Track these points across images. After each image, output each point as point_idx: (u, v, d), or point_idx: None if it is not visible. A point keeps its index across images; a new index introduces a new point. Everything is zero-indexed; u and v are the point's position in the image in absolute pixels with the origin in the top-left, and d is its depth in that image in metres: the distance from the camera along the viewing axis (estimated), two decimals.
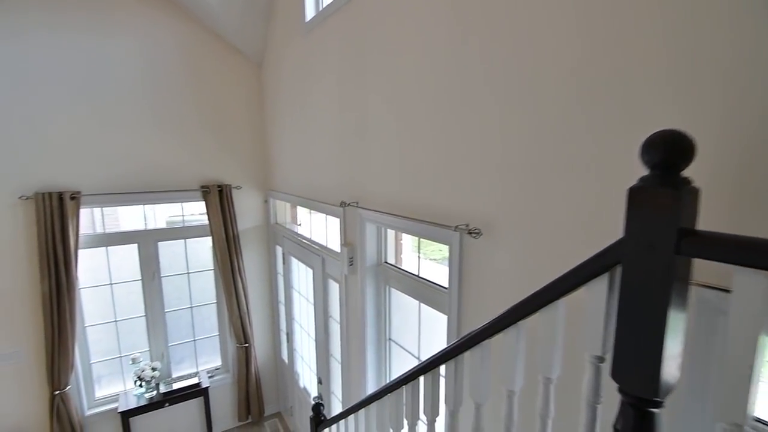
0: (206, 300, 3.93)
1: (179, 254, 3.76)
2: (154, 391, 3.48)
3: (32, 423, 3.23)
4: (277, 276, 3.99)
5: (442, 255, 3.08)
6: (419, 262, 2.02)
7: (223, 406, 4.00)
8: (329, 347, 2.91)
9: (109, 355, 3.57)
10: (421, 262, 2.03)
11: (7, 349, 3.08)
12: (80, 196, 3.15)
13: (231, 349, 3.96)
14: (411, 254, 2.35)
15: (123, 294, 3.57)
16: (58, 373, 3.14)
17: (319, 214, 2.98)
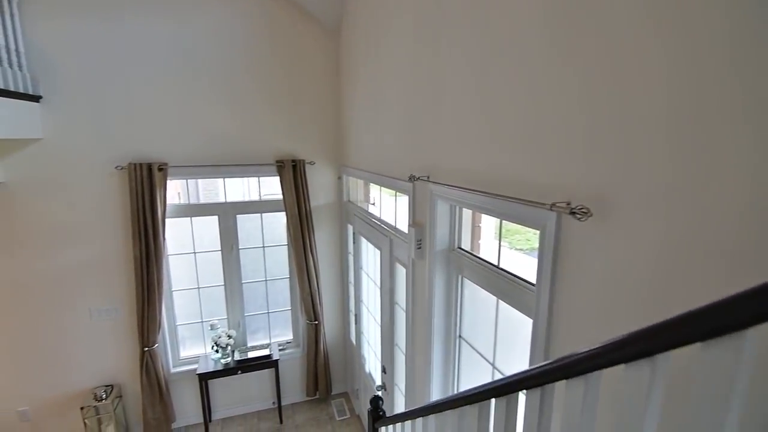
0: (280, 274, 3.96)
1: (256, 228, 3.82)
2: (228, 357, 3.61)
3: (127, 374, 3.55)
4: (347, 255, 3.87)
5: (530, 245, 2.64)
6: (500, 250, 1.65)
7: (292, 380, 4.05)
8: (394, 336, 2.68)
9: (191, 319, 3.78)
10: (504, 252, 1.66)
11: (108, 305, 3.40)
12: (167, 167, 3.30)
13: (302, 324, 3.97)
14: (491, 241, 1.98)
15: (205, 263, 3.73)
16: (147, 332, 3.39)
17: (389, 191, 2.73)
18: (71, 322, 3.33)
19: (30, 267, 3.17)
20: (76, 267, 3.27)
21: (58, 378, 3.39)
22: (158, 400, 3.53)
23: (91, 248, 3.28)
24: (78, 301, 3.32)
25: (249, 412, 3.95)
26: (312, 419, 3.85)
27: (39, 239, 3.15)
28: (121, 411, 3.57)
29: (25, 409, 3.36)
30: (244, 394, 3.93)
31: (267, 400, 4.00)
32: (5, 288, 3.15)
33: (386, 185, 2.56)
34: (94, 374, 3.47)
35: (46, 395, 3.39)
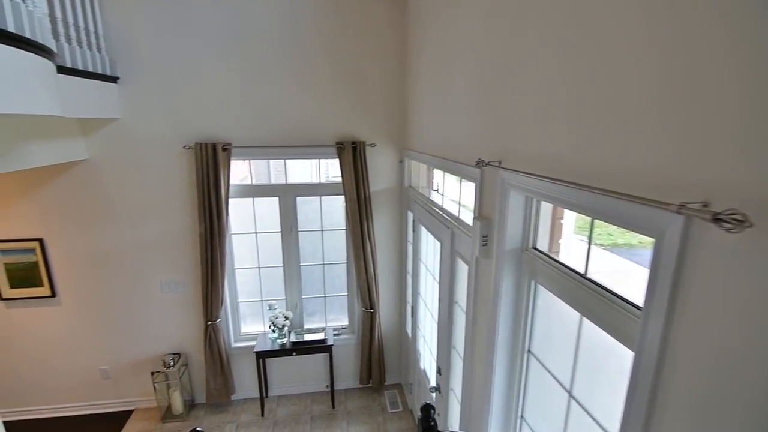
0: (337, 259, 3.88)
1: (315, 211, 3.75)
2: (285, 338, 3.64)
3: (192, 345, 3.73)
4: (406, 244, 3.66)
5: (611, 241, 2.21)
6: (589, 256, 1.32)
7: (346, 365, 4.00)
8: (452, 337, 2.45)
9: (252, 297, 3.86)
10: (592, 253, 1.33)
11: (176, 278, 3.56)
12: (231, 147, 3.31)
13: (357, 311, 3.88)
14: (575, 241, 1.64)
15: (265, 243, 3.76)
16: (210, 306, 3.50)
17: (453, 178, 2.45)
18: (145, 292, 3.55)
19: (109, 239, 3.40)
20: (148, 241, 3.45)
21: (134, 342, 3.65)
22: (219, 372, 3.67)
23: (162, 224, 3.42)
24: (150, 273, 3.51)
25: (303, 393, 3.98)
26: (364, 408, 3.78)
27: (117, 213, 3.35)
28: (187, 379, 3.77)
29: (106, 367, 3.67)
30: (300, 375, 3.96)
31: (321, 382, 4.00)
32: (90, 258, 3.41)
33: (450, 170, 2.28)
34: (164, 342, 3.68)
35: (124, 357, 3.67)
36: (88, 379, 3.68)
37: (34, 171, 3.19)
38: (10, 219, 3.27)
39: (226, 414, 3.72)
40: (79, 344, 3.58)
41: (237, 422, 3.61)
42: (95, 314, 3.54)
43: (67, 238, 3.36)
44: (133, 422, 3.63)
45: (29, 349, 3.55)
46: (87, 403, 3.74)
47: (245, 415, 3.70)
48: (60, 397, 3.69)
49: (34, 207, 3.27)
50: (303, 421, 3.62)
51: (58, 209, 3.30)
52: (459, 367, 2.35)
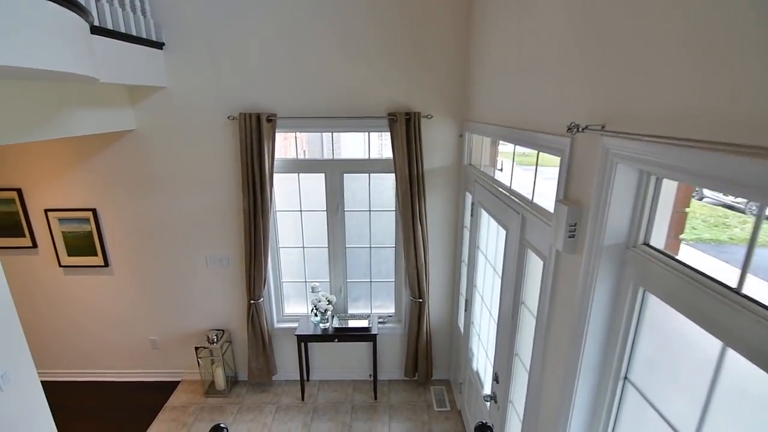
0: (385, 242, 3.59)
1: (363, 189, 3.46)
2: (327, 323, 3.44)
3: (236, 322, 3.66)
4: (463, 229, 3.28)
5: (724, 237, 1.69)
6: (748, 259, 0.88)
7: (390, 356, 3.75)
8: (514, 342, 2.07)
9: (296, 278, 3.69)
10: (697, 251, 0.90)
11: (221, 254, 3.46)
12: (275, 118, 3.09)
13: (405, 300, 3.59)
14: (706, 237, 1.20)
15: (310, 222, 3.55)
16: (253, 285, 3.38)
17: (527, 155, 2.03)
18: (191, 267, 3.50)
19: (157, 211, 3.36)
20: (193, 215, 3.36)
21: (181, 316, 3.64)
22: (261, 352, 3.57)
23: (207, 198, 3.32)
24: (196, 248, 3.45)
25: (345, 380, 3.80)
26: (408, 402, 3.52)
27: (163, 185, 3.29)
28: (230, 355, 3.72)
29: (155, 338, 3.72)
30: (342, 361, 3.78)
31: (364, 371, 3.80)
32: (139, 230, 3.40)
33: (525, 142, 1.86)
34: (209, 318, 3.64)
35: (171, 330, 3.69)
36: (139, 348, 3.75)
37: (87, 141, 3.19)
38: (65, 188, 3.32)
39: (267, 394, 3.63)
40: (130, 314, 3.64)
41: (277, 404, 3.51)
42: (145, 286, 3.56)
43: (118, 208, 3.36)
44: (178, 393, 3.66)
45: (86, 316, 3.66)
46: (138, 370, 3.83)
47: (286, 398, 3.59)
48: (114, 363, 3.81)
49: (87, 177, 3.29)
50: (343, 410, 3.44)
51: (109, 179, 3.29)
52: (522, 378, 1.98)
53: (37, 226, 3.43)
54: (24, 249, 3.50)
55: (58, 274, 3.55)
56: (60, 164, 3.27)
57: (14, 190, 3.33)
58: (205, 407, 3.49)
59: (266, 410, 3.45)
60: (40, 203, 3.37)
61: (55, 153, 3.24)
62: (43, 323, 3.70)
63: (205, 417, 3.38)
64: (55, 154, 3.24)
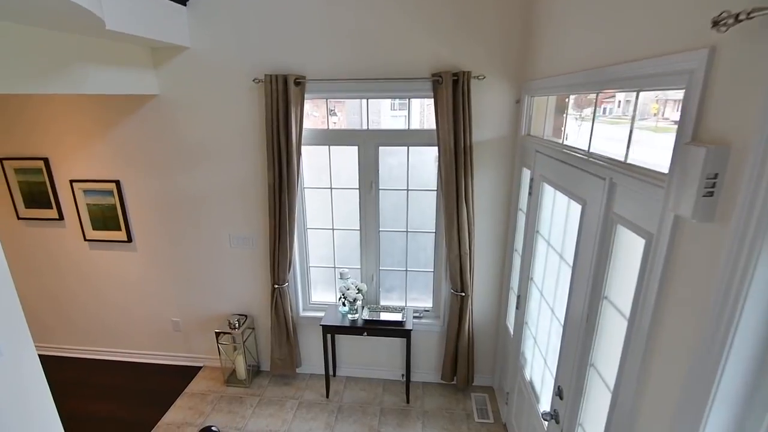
0: (424, 227, 3.16)
1: (400, 165, 3.06)
2: (356, 314, 3.08)
3: (260, 308, 3.39)
4: (516, 212, 2.79)
5: None
6: None
7: (426, 355, 3.33)
8: (590, 350, 1.58)
9: (324, 263, 3.36)
10: None
11: (245, 233, 3.19)
12: (304, 81, 2.74)
13: (445, 293, 3.15)
14: None
15: (341, 202, 3.19)
16: (278, 268, 3.08)
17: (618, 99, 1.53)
18: (214, 246, 3.26)
19: (179, 185, 3.13)
20: (217, 189, 3.11)
21: (203, 298, 3.42)
22: (285, 341, 3.27)
23: (230, 171, 3.05)
24: (219, 225, 3.20)
25: (374, 378, 3.43)
26: (444, 409, 3.09)
27: (186, 157, 3.05)
28: (253, 343, 3.46)
29: (178, 320, 3.53)
30: (372, 358, 3.41)
31: (395, 370, 3.41)
32: (162, 204, 3.20)
33: (620, 82, 1.37)
34: (232, 301, 3.39)
35: (194, 312, 3.48)
36: (161, 329, 3.58)
37: (111, 109, 3.01)
38: (90, 159, 3.18)
39: (290, 388, 3.34)
40: (153, 293, 3.47)
41: (299, 399, 3.20)
42: (168, 264, 3.37)
43: (141, 181, 3.17)
44: (198, 380, 3.45)
45: (110, 293, 3.54)
46: (159, 353, 3.67)
47: (309, 393, 3.27)
48: (137, 344, 3.67)
49: (111, 148, 3.12)
50: (371, 412, 3.07)
51: (132, 151, 3.10)
52: (601, 398, 1.50)
53: (64, 197, 3.33)
54: (51, 221, 3.41)
55: (84, 249, 3.44)
56: (85, 134, 3.12)
57: (41, 160, 3.23)
58: (225, 397, 3.25)
59: (287, 405, 3.15)
60: (66, 174, 3.26)
61: (81, 123, 3.09)
62: (71, 297, 3.62)
63: (223, 407, 3.13)
64: (80, 124, 3.09)
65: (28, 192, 3.35)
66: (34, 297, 3.67)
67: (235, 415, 3.05)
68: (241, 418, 3.03)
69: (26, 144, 3.22)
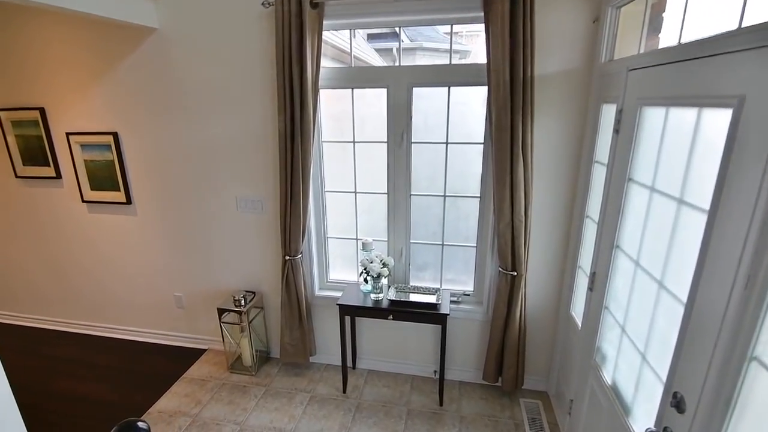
0: (467, 189, 2.58)
1: (438, 113, 2.49)
2: (381, 293, 2.54)
3: (270, 285, 2.92)
4: (591, 166, 2.15)
5: None
6: None
7: (464, 349, 2.75)
8: (753, 335, 0.95)
9: (345, 233, 2.84)
10: None
11: (253, 194, 2.73)
12: (323, 2, 2.24)
13: (491, 273, 2.55)
14: None
15: (365, 158, 2.67)
16: (289, 235, 2.59)
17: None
18: (219, 209, 2.82)
19: (181, 137, 2.71)
20: (222, 142, 2.66)
21: (207, 270, 3.00)
22: (297, 324, 2.78)
23: (238, 120, 2.59)
24: (225, 185, 2.75)
25: (401, 374, 2.88)
26: (487, 416, 2.50)
27: (187, 105, 2.63)
28: (261, 325, 3.00)
29: (180, 294, 3.12)
30: (398, 348, 2.86)
31: (426, 365, 2.84)
32: (162, 161, 2.80)
33: None
34: (239, 275, 2.95)
35: (197, 286, 3.07)
36: (163, 305, 3.19)
37: (106, 52, 2.63)
38: (86, 109, 2.82)
39: (301, 379, 2.85)
40: (153, 263, 3.09)
41: (311, 393, 2.71)
42: (169, 229, 2.97)
43: (140, 133, 2.78)
44: (201, 364, 3.03)
45: (109, 261, 3.19)
46: (161, 332, 3.28)
47: (323, 387, 2.77)
48: (136, 321, 3.31)
49: (107, 96, 2.75)
50: (396, 414, 2.53)
51: (129, 99, 2.72)
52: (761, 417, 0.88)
53: (61, 154, 3.00)
54: (49, 180, 3.10)
55: (82, 212, 3.10)
56: (82, 81, 2.76)
57: (37, 109, 2.92)
58: (226, 385, 2.80)
59: (297, 399, 2.66)
60: (62, 126, 2.92)
61: (77, 67, 2.73)
62: (70, 266, 3.30)
63: (223, 396, 2.69)
64: (77, 68, 2.74)
65: (25, 148, 3.05)
66: (32, 265, 3.39)
67: (235, 407, 2.59)
68: (242, 410, 2.56)
69: (21, 93, 2.92)
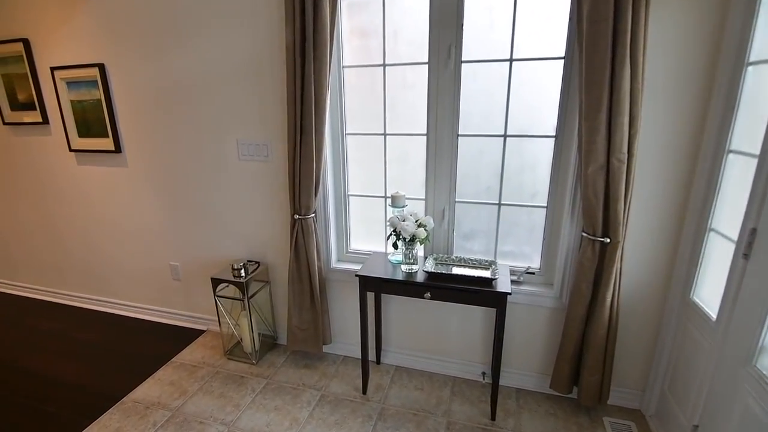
0: (535, 127, 1.89)
1: (502, 23, 1.81)
2: (414, 263, 1.90)
3: (276, 253, 2.36)
4: (743, 69, 1.40)
5: None
6: None
7: (524, 345, 2.05)
8: None
9: (370, 189, 2.22)
10: None
11: (257, 137, 2.18)
12: None
13: (568, 241, 1.85)
14: None
15: (398, 87, 2.03)
16: (298, 188, 2.02)
17: None
18: (218, 159, 2.29)
19: (172, 69, 2.21)
20: (220, 70, 2.13)
21: (205, 234, 2.49)
22: (308, 303, 2.20)
23: (238, 38, 2.04)
24: (224, 127, 2.22)
25: (438, 373, 2.23)
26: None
27: (179, 24, 2.11)
28: (267, 305, 2.45)
29: (177, 264, 2.63)
30: (436, 340, 2.21)
31: (472, 364, 2.17)
32: (153, 99, 2.31)
33: None
34: (241, 241, 2.41)
35: (195, 255, 2.56)
36: (158, 276, 2.72)
37: None
38: (71, 38, 2.39)
39: (311, 372, 2.26)
40: (147, 225, 2.62)
41: (322, 391, 2.11)
42: (162, 184, 2.48)
43: (129, 63, 2.31)
44: (195, 347, 2.52)
45: (99, 223, 2.75)
46: (156, 307, 2.82)
47: (337, 384, 2.17)
48: (129, 293, 2.86)
49: (93, 23, 2.31)
50: (431, 426, 1.88)
51: (117, 22, 2.25)
52: None
53: (47, 94, 2.60)
54: (36, 127, 2.71)
55: (71, 164, 2.69)
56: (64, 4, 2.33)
57: (20, 41, 2.52)
58: (221, 373, 2.27)
59: (304, 397, 2.07)
60: (47, 60, 2.51)
61: None
62: (59, 228, 2.91)
63: (214, 388, 2.15)
64: None
65: (11, 88, 2.68)
66: (26, 226, 3.03)
67: (226, 402, 2.04)
68: (234, 407, 2.01)
69: (2, 23, 2.53)
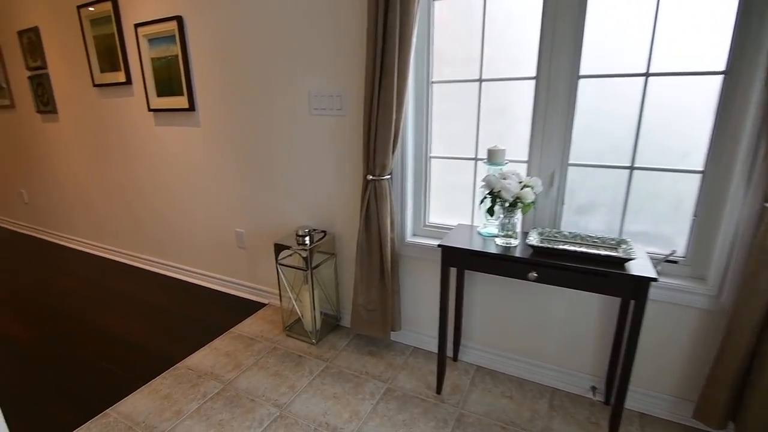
0: (691, 64, 1.38)
1: None
2: (512, 238, 1.50)
3: (346, 222, 2.10)
4: None
5: None
6: None
7: (657, 356, 1.55)
8: None
9: (458, 150, 1.85)
10: None
11: (331, 87, 1.93)
12: None
13: (735, 219, 1.33)
14: None
15: (500, 19, 1.64)
16: (374, 143, 1.72)
17: None
18: (288, 114, 2.08)
19: (248, 8, 2.04)
20: (297, 8, 1.91)
21: (272, 199, 2.31)
22: (376, 280, 1.90)
23: None
24: (296, 76, 2.00)
25: (531, 381, 1.80)
26: None
27: None
28: (332, 280, 2.20)
29: (242, 231, 2.50)
30: (532, 338, 1.78)
31: (578, 376, 1.71)
32: (223, 52, 2.17)
33: None
34: (309, 208, 2.19)
35: (260, 221, 2.40)
36: (223, 243, 2.61)
37: None
38: None
39: (377, 361, 1.95)
40: (215, 187, 2.51)
41: (388, 384, 1.79)
42: (232, 142, 2.35)
43: (203, 14, 2.20)
44: (255, 319, 2.34)
45: (173, 185, 2.72)
46: (220, 276, 2.71)
47: (406, 378, 1.83)
48: (197, 260, 2.80)
49: None
50: None
51: None
52: None
53: (131, 54, 2.61)
54: (121, 87, 2.75)
55: (149, 124, 2.69)
56: None
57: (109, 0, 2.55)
58: (278, 350, 2.05)
59: (367, 388, 1.77)
60: (132, 17, 2.51)
61: None
62: (138, 191, 2.94)
63: (270, 365, 1.93)
64: None
65: (102, 49, 2.74)
66: (106, 190, 3.12)
67: (281, 381, 1.81)
68: (289, 388, 1.77)
69: None
